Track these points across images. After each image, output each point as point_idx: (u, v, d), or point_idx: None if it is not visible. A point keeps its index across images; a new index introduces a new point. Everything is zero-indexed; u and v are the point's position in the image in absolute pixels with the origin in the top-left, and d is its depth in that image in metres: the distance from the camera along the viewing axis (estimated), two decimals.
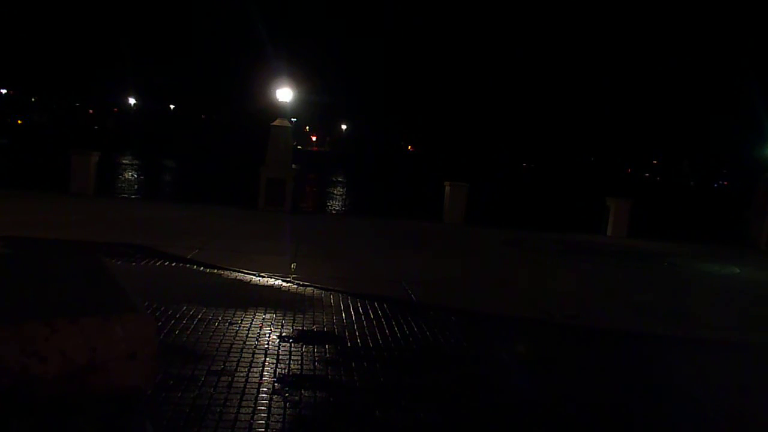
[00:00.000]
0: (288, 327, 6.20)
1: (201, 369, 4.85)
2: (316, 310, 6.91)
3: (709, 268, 13.06)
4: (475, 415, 4.52)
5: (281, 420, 4.09)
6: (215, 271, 8.56)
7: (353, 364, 5.29)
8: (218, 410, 4.13)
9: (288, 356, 5.34)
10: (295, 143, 24.59)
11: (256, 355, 5.29)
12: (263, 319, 6.39)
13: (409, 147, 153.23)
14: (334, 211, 25.58)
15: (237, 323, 6.14)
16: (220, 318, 6.26)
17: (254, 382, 4.69)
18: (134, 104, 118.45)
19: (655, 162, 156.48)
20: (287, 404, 4.34)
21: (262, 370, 4.96)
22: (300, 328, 6.22)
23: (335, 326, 6.40)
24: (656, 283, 11.08)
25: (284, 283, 8.09)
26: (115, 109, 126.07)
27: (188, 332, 5.74)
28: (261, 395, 4.46)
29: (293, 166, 17.29)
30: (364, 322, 6.62)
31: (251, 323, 6.19)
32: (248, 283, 8.03)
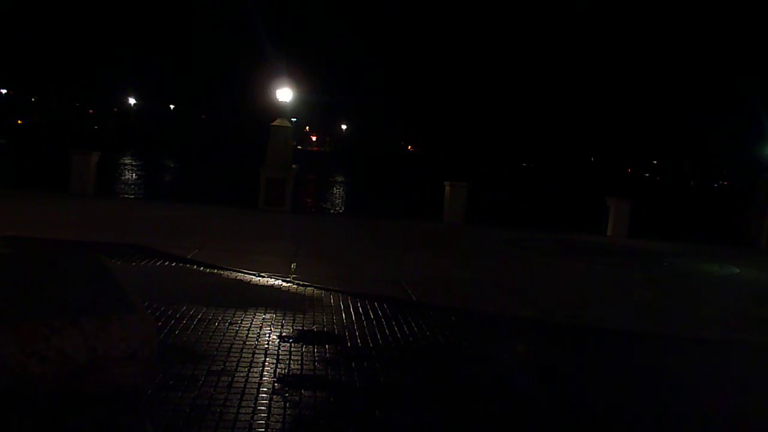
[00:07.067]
0: (288, 327, 6.20)
1: (201, 369, 4.85)
2: (316, 310, 6.91)
3: (709, 268, 13.05)
4: (475, 415, 4.52)
5: (281, 420, 4.09)
6: (215, 271, 8.55)
7: (353, 364, 5.29)
8: (218, 410, 4.13)
9: (288, 356, 5.34)
10: (295, 143, 24.58)
11: (256, 355, 5.29)
12: (263, 319, 6.39)
13: (409, 147, 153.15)
14: (333, 211, 25.59)
15: (237, 323, 6.14)
16: (220, 318, 6.26)
17: (254, 382, 4.68)
18: (134, 104, 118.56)
19: (655, 162, 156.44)
20: (287, 404, 4.34)
21: (262, 370, 4.96)
22: (300, 328, 6.21)
23: (335, 326, 6.39)
24: (656, 283, 11.08)
25: (284, 283, 8.09)
26: (115, 109, 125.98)
27: (188, 332, 5.74)
28: (261, 395, 4.45)
29: (293, 166, 17.29)
30: (364, 322, 6.62)
31: (251, 323, 6.19)
32: (248, 283, 8.03)
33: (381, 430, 4.15)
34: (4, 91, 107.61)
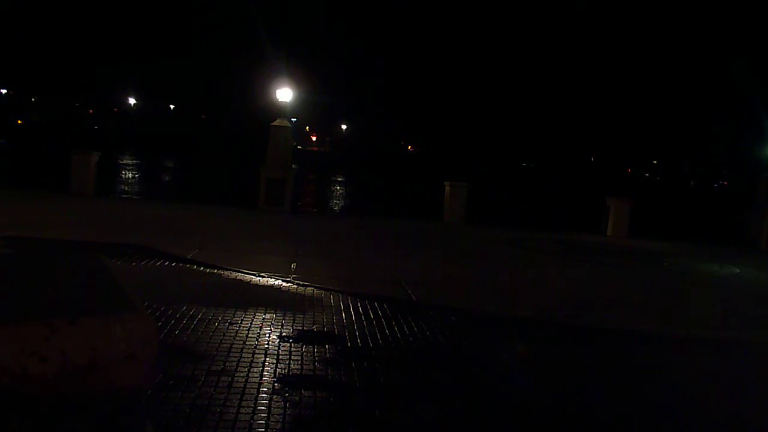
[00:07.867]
0: (288, 327, 6.20)
1: (201, 369, 4.85)
2: (316, 310, 6.91)
3: (709, 268, 13.05)
4: (475, 415, 4.52)
5: (281, 420, 4.09)
6: (215, 271, 8.55)
7: (353, 364, 5.29)
8: (218, 410, 4.13)
9: (288, 356, 5.34)
10: (295, 143, 24.60)
11: (256, 355, 5.29)
12: (263, 319, 6.39)
13: (409, 147, 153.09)
14: (333, 211, 25.57)
15: (237, 323, 6.14)
16: (220, 318, 6.26)
17: (254, 382, 4.69)
18: (134, 104, 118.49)
19: (655, 162, 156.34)
20: (287, 404, 4.34)
21: (262, 370, 4.96)
22: (300, 328, 6.21)
23: (335, 326, 6.39)
24: (656, 283, 11.08)
25: (284, 283, 8.09)
26: (115, 109, 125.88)
27: (188, 332, 5.74)
28: (261, 395, 4.46)
29: (293, 166, 17.30)
30: (364, 322, 6.62)
31: (251, 323, 6.19)
32: (248, 283, 8.03)
33: (381, 430, 4.15)
34: (4, 91, 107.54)
